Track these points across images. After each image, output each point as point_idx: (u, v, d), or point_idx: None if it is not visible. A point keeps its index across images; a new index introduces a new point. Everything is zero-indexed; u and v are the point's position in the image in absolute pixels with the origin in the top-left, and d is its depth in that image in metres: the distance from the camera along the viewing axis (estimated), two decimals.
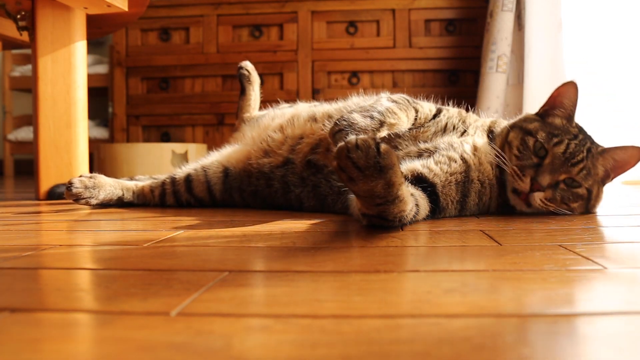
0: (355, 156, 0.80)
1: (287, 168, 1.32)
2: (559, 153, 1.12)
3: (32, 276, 0.67)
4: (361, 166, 0.80)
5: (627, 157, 1.17)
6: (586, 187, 1.14)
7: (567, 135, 1.15)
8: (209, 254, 0.78)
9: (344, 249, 0.80)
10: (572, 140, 1.14)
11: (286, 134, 1.37)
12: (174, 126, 3.44)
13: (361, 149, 0.80)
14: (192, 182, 1.44)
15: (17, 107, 4.06)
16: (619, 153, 1.17)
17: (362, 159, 0.80)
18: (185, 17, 3.42)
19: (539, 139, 1.14)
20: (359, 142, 0.80)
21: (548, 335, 0.43)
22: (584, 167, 1.13)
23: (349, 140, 0.81)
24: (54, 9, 1.70)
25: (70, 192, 1.36)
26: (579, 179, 1.13)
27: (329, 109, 1.37)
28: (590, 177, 1.14)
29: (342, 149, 0.81)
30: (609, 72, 2.79)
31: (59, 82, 1.72)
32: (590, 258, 0.70)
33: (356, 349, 0.40)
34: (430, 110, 1.24)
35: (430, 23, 3.30)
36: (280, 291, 0.56)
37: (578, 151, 1.13)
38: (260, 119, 1.58)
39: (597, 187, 1.18)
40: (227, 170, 1.43)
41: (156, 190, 1.47)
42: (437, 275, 0.62)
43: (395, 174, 0.83)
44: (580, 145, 1.14)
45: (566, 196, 1.13)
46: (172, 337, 0.43)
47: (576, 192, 1.13)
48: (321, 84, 3.34)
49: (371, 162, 0.80)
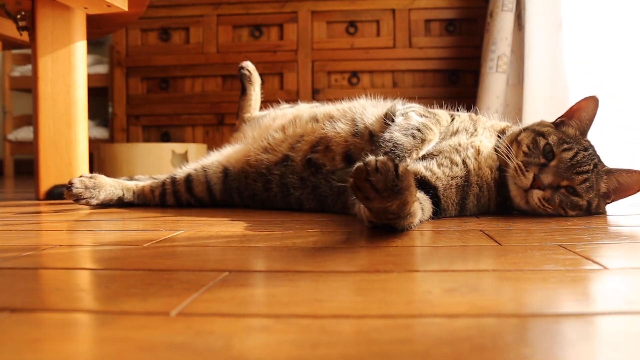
0: (374, 179, 0.79)
1: (285, 166, 1.32)
2: (566, 158, 1.12)
3: (32, 276, 0.67)
4: (379, 189, 0.80)
5: (632, 182, 1.16)
6: (587, 199, 1.13)
7: (578, 145, 1.15)
8: (209, 254, 0.78)
9: (344, 249, 0.80)
10: (581, 151, 1.14)
11: (287, 134, 1.37)
12: (174, 126, 3.44)
13: (381, 172, 0.79)
14: (192, 182, 1.44)
15: (17, 107, 4.06)
16: (624, 176, 1.16)
17: (381, 182, 0.79)
18: (185, 17, 3.42)
19: (549, 141, 1.14)
20: (378, 165, 0.79)
21: (548, 335, 0.43)
22: (587, 178, 1.12)
23: (369, 162, 0.79)
24: (54, 9, 1.70)
25: (70, 192, 1.36)
26: (580, 190, 1.12)
27: (332, 109, 1.37)
28: (592, 191, 1.13)
29: (361, 171, 0.80)
30: (609, 72, 2.79)
31: (59, 82, 1.72)
32: (590, 258, 0.70)
33: (356, 349, 0.40)
34: (447, 121, 1.25)
35: (430, 23, 3.30)
36: (280, 291, 0.56)
37: (585, 162, 1.12)
38: (261, 119, 1.58)
39: (598, 200, 1.16)
40: (226, 170, 1.43)
41: (156, 190, 1.47)
42: (437, 275, 0.62)
43: (411, 194, 0.84)
44: (589, 158, 1.14)
45: (565, 202, 1.12)
46: (172, 337, 0.43)
47: (576, 201, 1.13)
48: (321, 84, 3.34)
49: (389, 184, 0.79)
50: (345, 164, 1.23)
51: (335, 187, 1.22)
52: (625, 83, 2.77)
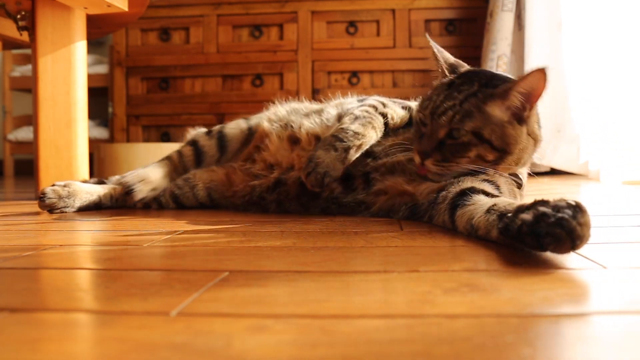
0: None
1: (279, 192, 1.28)
2: (428, 114, 1.06)
3: (32, 276, 0.67)
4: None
5: (534, 85, 0.99)
6: (468, 129, 1.01)
7: (437, 91, 1.08)
8: (209, 253, 0.78)
9: (344, 249, 0.80)
10: (440, 94, 1.06)
11: (273, 161, 1.33)
12: (174, 126, 3.44)
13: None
14: (178, 197, 1.41)
15: (17, 107, 4.06)
16: (522, 85, 0.99)
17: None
18: (185, 17, 3.42)
19: (418, 111, 1.10)
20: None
21: (548, 335, 0.43)
22: (455, 113, 1.01)
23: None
24: (54, 9, 1.70)
25: (43, 202, 1.30)
26: (455, 125, 1.01)
27: (309, 127, 1.31)
28: (471, 119, 1.00)
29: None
30: (608, 72, 2.79)
31: (59, 82, 1.72)
32: (590, 258, 0.70)
33: (356, 349, 0.40)
34: (404, 115, 1.25)
35: (430, 23, 3.30)
36: (280, 291, 0.56)
37: (447, 99, 1.03)
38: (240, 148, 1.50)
39: (504, 127, 1.01)
40: (210, 194, 1.41)
41: (139, 202, 1.42)
42: (437, 275, 0.62)
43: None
44: (452, 92, 1.04)
45: (457, 149, 1.02)
46: (172, 337, 0.43)
47: (462, 140, 1.02)
48: (321, 84, 3.34)
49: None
50: (342, 185, 1.20)
51: (344, 203, 1.21)
52: (625, 83, 2.76)
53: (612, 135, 2.75)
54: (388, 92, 3.19)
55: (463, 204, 0.93)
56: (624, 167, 2.56)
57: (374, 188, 1.17)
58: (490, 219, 0.82)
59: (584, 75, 2.80)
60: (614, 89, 2.76)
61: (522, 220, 0.70)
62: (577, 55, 2.80)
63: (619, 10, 2.75)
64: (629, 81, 2.74)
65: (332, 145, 1.16)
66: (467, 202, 0.93)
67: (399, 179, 1.14)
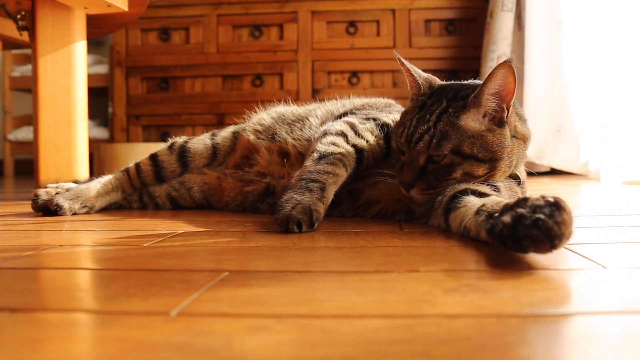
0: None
1: (268, 202, 1.27)
2: (404, 142, 1.01)
3: (32, 276, 0.67)
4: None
5: (503, 82, 0.96)
6: (447, 151, 0.97)
7: (410, 115, 1.03)
8: (209, 254, 0.78)
9: (344, 249, 0.80)
10: (413, 119, 1.01)
11: (264, 170, 1.32)
12: (174, 126, 3.44)
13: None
14: (175, 198, 1.42)
15: (17, 107, 4.06)
16: (490, 86, 0.96)
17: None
18: (185, 17, 3.42)
19: (394, 139, 1.05)
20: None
21: (548, 335, 0.43)
22: (431, 137, 0.97)
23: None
24: (54, 9, 1.70)
25: (36, 204, 1.30)
26: (434, 151, 0.98)
27: (294, 143, 1.28)
28: (448, 139, 0.97)
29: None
30: (608, 72, 2.78)
31: (59, 82, 1.72)
32: (590, 258, 0.70)
33: (356, 349, 0.40)
34: (377, 140, 1.14)
35: (430, 23, 3.30)
36: (280, 291, 0.56)
37: (420, 123, 1.00)
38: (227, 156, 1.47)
39: (483, 137, 0.97)
40: (206, 196, 1.41)
41: (134, 203, 1.43)
42: (437, 275, 0.62)
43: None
44: (425, 114, 1.00)
45: (440, 173, 0.99)
46: (172, 337, 0.43)
47: (443, 163, 0.98)
48: (321, 84, 3.34)
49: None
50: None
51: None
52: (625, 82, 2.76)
53: (612, 135, 2.75)
54: (388, 92, 3.20)
55: (455, 207, 0.92)
56: (624, 167, 2.56)
57: (362, 199, 1.15)
58: (479, 220, 0.82)
59: (584, 75, 2.80)
60: (613, 89, 2.76)
61: (502, 223, 0.70)
62: (577, 55, 2.80)
63: (619, 10, 2.75)
64: (628, 81, 2.74)
65: (306, 185, 1.02)
66: (458, 204, 0.92)
67: (387, 189, 1.11)
